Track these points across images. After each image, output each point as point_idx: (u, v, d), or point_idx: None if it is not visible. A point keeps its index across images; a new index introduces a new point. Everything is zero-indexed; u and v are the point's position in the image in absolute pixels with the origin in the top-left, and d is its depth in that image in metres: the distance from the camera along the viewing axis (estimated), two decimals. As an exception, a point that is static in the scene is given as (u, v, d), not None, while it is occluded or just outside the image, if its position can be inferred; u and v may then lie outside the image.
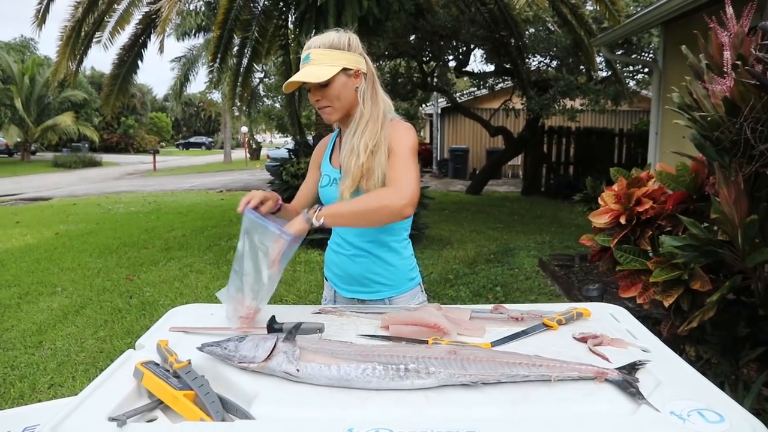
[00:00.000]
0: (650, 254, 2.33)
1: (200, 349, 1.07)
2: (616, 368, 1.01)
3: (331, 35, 1.50)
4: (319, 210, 1.35)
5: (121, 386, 0.99)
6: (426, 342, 1.14)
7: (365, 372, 0.97)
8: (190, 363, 1.03)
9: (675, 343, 2.41)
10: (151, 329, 1.25)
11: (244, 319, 1.20)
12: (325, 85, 1.47)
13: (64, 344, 3.67)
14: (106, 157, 29.74)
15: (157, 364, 1.04)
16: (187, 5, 8.77)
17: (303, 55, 1.50)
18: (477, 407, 0.92)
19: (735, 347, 2.25)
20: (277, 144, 34.02)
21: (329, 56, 1.47)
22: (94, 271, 5.63)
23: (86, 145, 31.63)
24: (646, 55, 9.76)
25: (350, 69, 1.49)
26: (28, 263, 6.01)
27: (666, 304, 2.18)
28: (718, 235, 1.99)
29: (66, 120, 27.89)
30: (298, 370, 0.99)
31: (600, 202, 2.59)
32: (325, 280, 1.76)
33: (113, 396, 0.96)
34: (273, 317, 1.19)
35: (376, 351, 1.03)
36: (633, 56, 9.77)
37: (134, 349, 1.17)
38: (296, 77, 1.47)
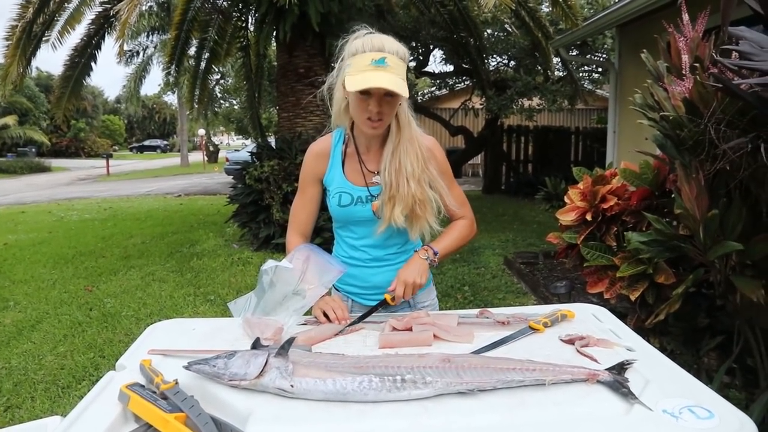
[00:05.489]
0: (615, 250, 2.40)
1: (187, 367, 1.03)
2: (606, 369, 1.03)
3: (396, 44, 1.40)
4: (435, 253, 1.52)
5: (106, 412, 0.94)
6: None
7: (361, 385, 0.96)
8: (177, 383, 0.99)
9: (639, 335, 2.50)
10: (131, 348, 1.20)
11: (269, 340, 1.18)
12: (391, 98, 1.38)
13: (20, 362, 3.49)
14: (55, 162, 28.48)
15: (143, 386, 0.99)
16: (142, 6, 8.51)
17: (375, 57, 1.34)
18: (476, 415, 0.92)
19: (695, 337, 2.34)
20: (235, 146, 33.39)
21: (401, 68, 1.38)
22: (49, 282, 5.39)
23: (33, 150, 30.24)
24: (600, 55, 10.08)
25: None
26: (-25, 276, 5.70)
27: (632, 297, 2.25)
28: (679, 230, 2.06)
29: (8, 122, 26.59)
30: (292, 386, 0.96)
31: (566, 200, 2.65)
32: (335, 291, 1.67)
33: (98, 423, 0.91)
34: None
35: (370, 362, 1.02)
36: (588, 56, 10.06)
37: (114, 369, 1.12)
38: (386, 84, 1.32)
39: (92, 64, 7.59)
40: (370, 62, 1.34)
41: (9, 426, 1.20)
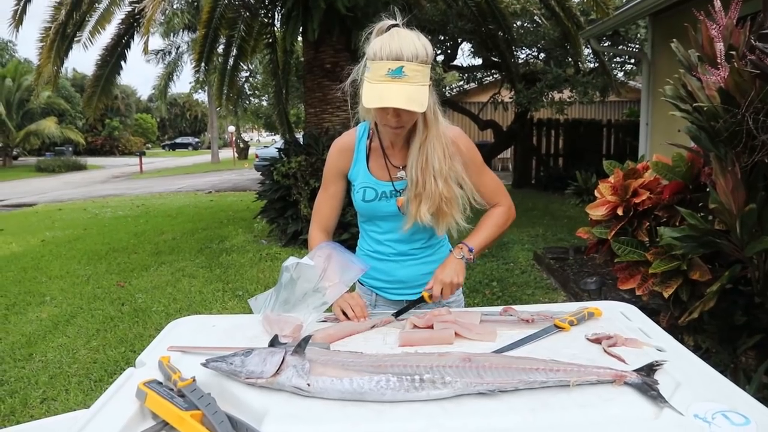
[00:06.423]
0: (647, 245, 2.33)
1: (204, 365, 1.03)
2: (634, 370, 0.99)
3: (417, 45, 1.28)
4: (470, 250, 1.50)
5: (123, 409, 0.95)
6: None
7: (379, 384, 0.94)
8: (194, 380, 0.99)
9: (673, 333, 2.42)
10: (151, 344, 1.21)
11: (288, 337, 1.17)
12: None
13: (56, 356, 3.59)
14: (90, 161, 29.36)
15: (160, 383, 0.99)
16: (171, 5, 8.65)
17: (392, 66, 1.26)
18: (496, 417, 0.89)
19: (732, 336, 2.26)
20: (264, 143, 33.79)
21: (422, 73, 1.29)
22: (83, 278, 5.54)
23: (70, 149, 31.25)
24: (633, 46, 9.80)
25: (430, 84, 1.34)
26: (14, 272, 5.89)
27: (665, 294, 2.18)
28: (714, 224, 1.99)
29: (49, 125, 27.53)
30: (308, 385, 0.95)
31: (596, 194, 2.58)
32: (359, 285, 1.66)
33: (115, 420, 0.91)
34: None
35: (388, 361, 1.00)
36: (620, 47, 9.79)
37: (134, 366, 1.13)
38: (398, 104, 1.26)
39: (122, 63, 7.74)
40: (386, 72, 1.27)
41: (44, 417, 1.22)
